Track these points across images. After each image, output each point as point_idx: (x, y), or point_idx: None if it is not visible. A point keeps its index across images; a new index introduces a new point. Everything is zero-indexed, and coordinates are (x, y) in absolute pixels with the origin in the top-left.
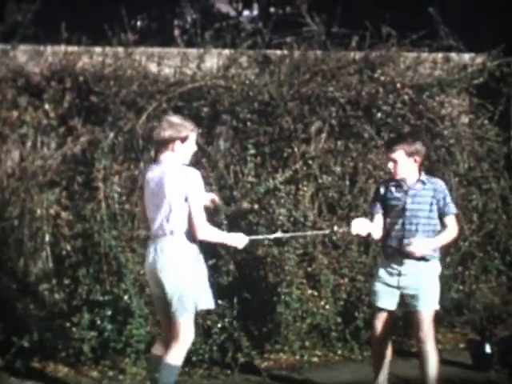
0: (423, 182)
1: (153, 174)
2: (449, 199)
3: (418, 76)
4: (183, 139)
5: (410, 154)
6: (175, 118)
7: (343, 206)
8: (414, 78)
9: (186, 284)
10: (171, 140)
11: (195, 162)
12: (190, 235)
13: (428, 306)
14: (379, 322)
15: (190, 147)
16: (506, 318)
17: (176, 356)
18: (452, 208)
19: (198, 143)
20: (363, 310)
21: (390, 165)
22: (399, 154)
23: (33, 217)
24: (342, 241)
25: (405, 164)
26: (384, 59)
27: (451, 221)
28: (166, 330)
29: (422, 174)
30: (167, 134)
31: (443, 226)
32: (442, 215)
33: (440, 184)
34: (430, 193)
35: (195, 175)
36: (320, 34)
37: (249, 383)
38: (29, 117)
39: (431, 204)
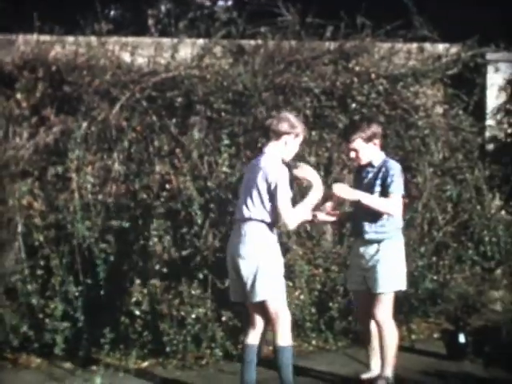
0: (372, 165)
1: (253, 162)
2: (393, 179)
3: (392, 66)
4: (296, 135)
5: (368, 140)
6: (292, 116)
7: None
8: (388, 68)
9: (264, 267)
10: (286, 133)
11: (169, 152)
12: (272, 224)
13: (384, 289)
14: (356, 304)
15: (296, 146)
16: (480, 308)
17: (284, 336)
18: (394, 188)
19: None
20: (337, 300)
21: (352, 154)
22: (357, 142)
23: (5, 207)
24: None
25: (366, 150)
26: (358, 49)
27: (393, 198)
28: (254, 314)
29: (380, 156)
30: (285, 126)
31: None
32: (385, 194)
33: (388, 165)
34: (376, 175)
35: (284, 172)
36: (294, 24)
37: (223, 374)
38: (0, 106)
39: (375, 186)
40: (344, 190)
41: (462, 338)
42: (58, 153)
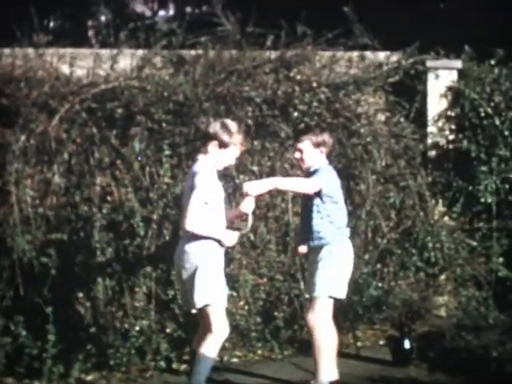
0: (310, 172)
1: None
2: (318, 173)
3: (333, 74)
4: (222, 144)
5: (316, 145)
6: (232, 124)
7: (260, 205)
8: (329, 76)
9: (207, 279)
10: (209, 138)
11: (110, 164)
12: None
13: (316, 293)
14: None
15: (227, 155)
16: (425, 314)
17: (208, 348)
18: (315, 177)
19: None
20: (283, 309)
21: (297, 154)
22: (305, 144)
23: None
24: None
25: (311, 154)
26: (299, 58)
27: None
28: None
29: (324, 164)
30: (211, 129)
31: None
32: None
33: (319, 168)
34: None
35: (206, 177)
36: (234, 33)
37: None
38: None
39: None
40: (252, 186)
41: (406, 344)
42: None
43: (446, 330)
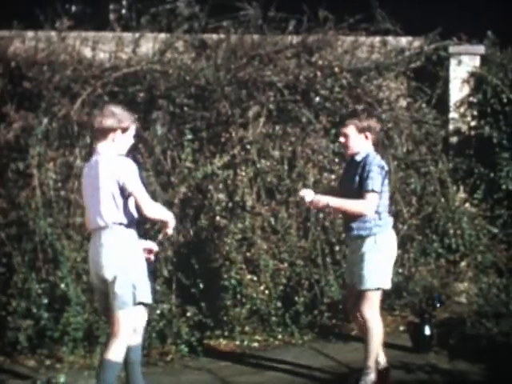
0: (358, 159)
1: (90, 165)
2: (370, 175)
3: (355, 60)
4: (124, 129)
5: (360, 130)
6: (117, 109)
7: (282, 190)
8: (351, 61)
9: (126, 276)
10: (112, 130)
11: (133, 148)
12: (131, 226)
13: (367, 286)
14: (346, 296)
15: (129, 138)
16: (445, 300)
17: (115, 352)
18: (369, 185)
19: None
20: (303, 294)
21: (342, 139)
22: (350, 128)
23: None
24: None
25: (355, 139)
26: (321, 43)
27: (365, 196)
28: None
29: (370, 151)
30: (109, 122)
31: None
32: (360, 191)
33: (367, 160)
34: (356, 170)
35: (130, 164)
36: (257, 17)
37: (188, 369)
38: None
39: (354, 181)
40: (310, 196)
41: (427, 331)
42: (19, 149)
43: (467, 317)
